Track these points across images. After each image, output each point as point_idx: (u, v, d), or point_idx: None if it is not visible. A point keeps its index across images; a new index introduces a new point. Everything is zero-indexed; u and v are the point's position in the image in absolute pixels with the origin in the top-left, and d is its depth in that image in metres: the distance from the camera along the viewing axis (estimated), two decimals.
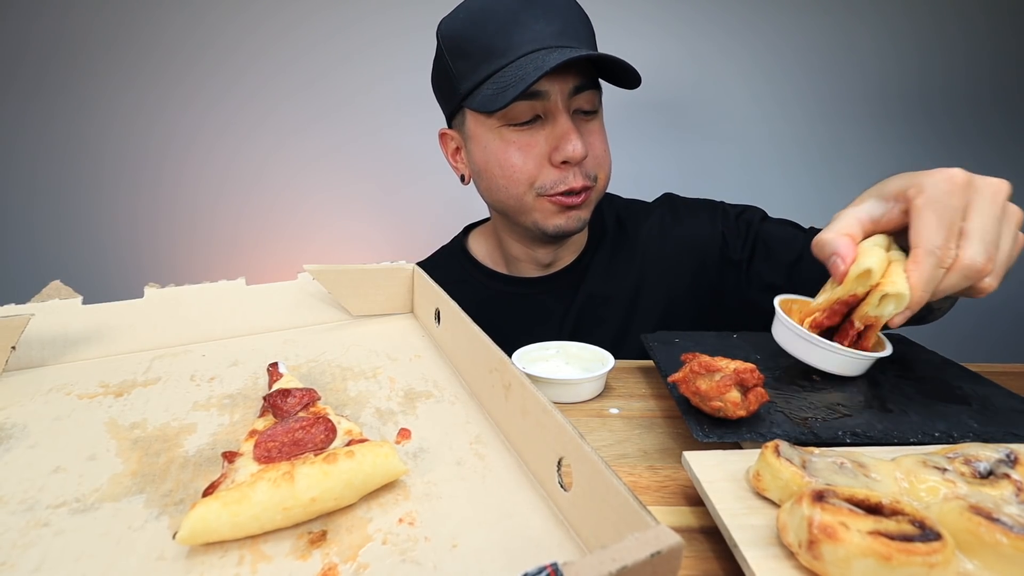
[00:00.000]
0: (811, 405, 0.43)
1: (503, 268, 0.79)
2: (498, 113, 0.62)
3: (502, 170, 0.65)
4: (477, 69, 0.62)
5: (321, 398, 0.38)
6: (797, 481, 0.29)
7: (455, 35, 0.64)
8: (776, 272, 0.71)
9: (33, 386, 0.43)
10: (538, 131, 0.64)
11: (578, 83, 0.62)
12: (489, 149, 0.66)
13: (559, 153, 0.62)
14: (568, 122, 0.62)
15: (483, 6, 0.62)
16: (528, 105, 0.62)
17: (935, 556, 0.23)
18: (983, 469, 0.30)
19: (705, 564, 0.31)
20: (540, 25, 0.60)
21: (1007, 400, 0.44)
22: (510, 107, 0.60)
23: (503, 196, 0.68)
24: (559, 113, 0.62)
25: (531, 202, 0.66)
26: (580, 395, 0.51)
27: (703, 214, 0.78)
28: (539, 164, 0.64)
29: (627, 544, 0.19)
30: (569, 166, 0.63)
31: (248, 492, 0.27)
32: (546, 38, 0.60)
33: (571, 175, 0.64)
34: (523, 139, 0.64)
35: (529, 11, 0.60)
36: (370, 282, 0.57)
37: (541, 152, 0.64)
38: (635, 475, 0.40)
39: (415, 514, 0.29)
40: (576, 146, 0.61)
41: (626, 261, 0.77)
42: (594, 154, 0.66)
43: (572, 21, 0.62)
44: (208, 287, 0.53)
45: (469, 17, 0.63)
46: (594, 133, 0.66)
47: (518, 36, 0.60)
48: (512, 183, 0.65)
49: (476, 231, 0.84)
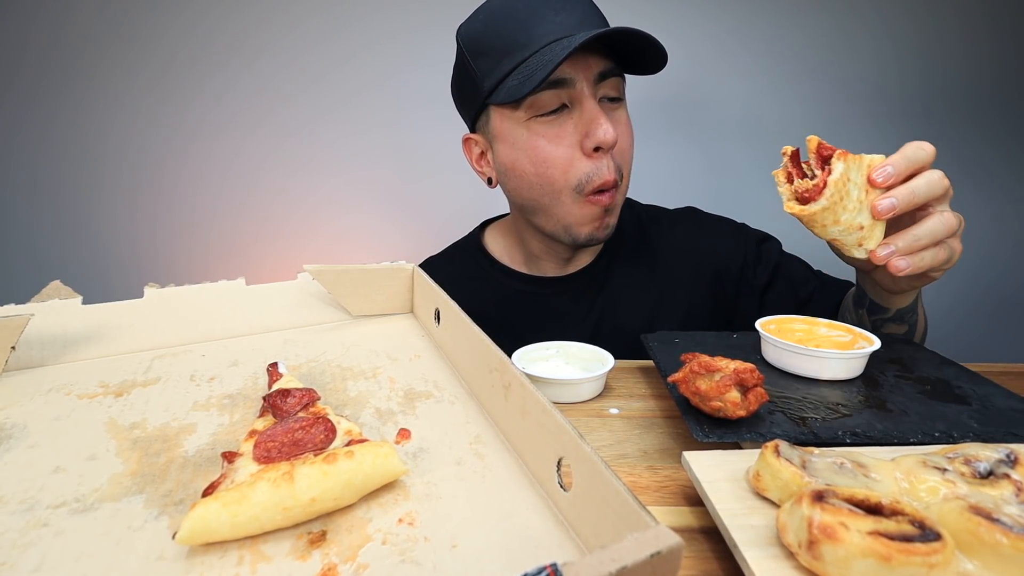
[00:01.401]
0: (811, 405, 0.43)
1: (521, 266, 0.78)
2: (525, 104, 0.61)
3: (534, 165, 0.63)
4: (500, 64, 0.61)
5: (321, 398, 0.38)
6: (797, 481, 0.29)
7: (475, 35, 0.63)
8: (789, 304, 0.74)
9: (33, 386, 0.43)
10: (566, 119, 0.62)
11: (603, 68, 0.61)
12: (518, 144, 0.64)
13: (590, 139, 0.61)
14: (596, 107, 0.61)
15: (501, 6, 0.62)
16: (554, 94, 0.60)
17: (935, 556, 0.23)
18: (983, 469, 0.30)
19: (705, 564, 0.31)
20: (561, 16, 0.59)
21: (1007, 400, 0.44)
22: (537, 96, 0.60)
23: (536, 194, 0.65)
24: (586, 99, 0.61)
25: (569, 203, 0.64)
26: (580, 395, 0.51)
27: (727, 232, 0.79)
28: (571, 154, 0.62)
29: (627, 544, 0.19)
30: (602, 153, 0.62)
31: (248, 492, 0.27)
32: (568, 28, 0.59)
33: (604, 166, 0.62)
34: (552, 130, 0.62)
35: (548, 4, 0.60)
36: (370, 282, 0.57)
37: (572, 141, 0.62)
38: (635, 475, 0.40)
39: (415, 514, 0.29)
40: (607, 129, 0.60)
41: (647, 269, 0.76)
42: (621, 144, 0.64)
43: (590, 13, 0.62)
44: (208, 287, 0.53)
45: (488, 17, 0.62)
46: (621, 122, 0.65)
47: (539, 28, 0.59)
48: (546, 179, 0.63)
49: (493, 227, 0.83)
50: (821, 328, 0.53)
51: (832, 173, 0.43)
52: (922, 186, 0.45)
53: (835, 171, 0.43)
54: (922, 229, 0.45)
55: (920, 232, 0.45)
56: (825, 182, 0.43)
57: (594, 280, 0.75)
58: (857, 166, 0.44)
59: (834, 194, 0.43)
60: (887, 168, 0.44)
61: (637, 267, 0.76)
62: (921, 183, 0.45)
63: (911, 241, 0.45)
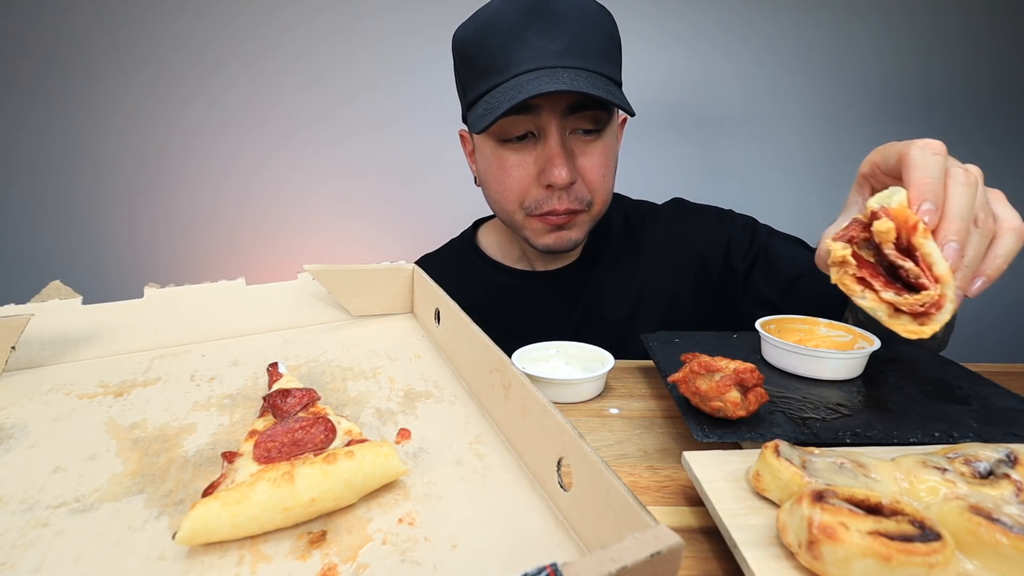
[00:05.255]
0: (811, 405, 0.43)
1: (512, 261, 0.79)
2: (491, 126, 0.61)
3: (494, 184, 0.66)
4: (478, 83, 0.62)
5: (321, 398, 0.38)
6: (797, 481, 0.29)
7: (464, 44, 0.63)
8: (773, 287, 0.71)
9: (33, 386, 0.43)
10: (531, 149, 0.63)
11: (572, 102, 0.59)
12: (487, 162, 0.66)
13: (544, 176, 0.61)
14: (556, 145, 0.60)
15: (491, 16, 0.60)
16: (522, 120, 0.60)
17: (935, 556, 0.23)
18: (983, 469, 0.30)
19: (705, 564, 0.31)
20: (544, 42, 0.57)
21: (1007, 400, 0.44)
22: (503, 121, 0.60)
23: (497, 209, 0.69)
24: (550, 134, 0.61)
25: (521, 220, 0.67)
26: (580, 395, 0.51)
27: (711, 219, 0.78)
28: (527, 184, 0.63)
29: (627, 544, 0.19)
30: (554, 189, 0.62)
31: (248, 492, 0.27)
32: (546, 56, 0.57)
33: (555, 197, 0.63)
34: (516, 157, 0.63)
35: (535, 26, 0.58)
36: (370, 282, 0.57)
37: (530, 172, 0.63)
38: (635, 475, 0.40)
39: (415, 514, 0.29)
40: (561, 172, 0.60)
41: (631, 261, 0.77)
42: (588, 179, 0.63)
43: (581, 36, 0.59)
44: (208, 287, 0.53)
45: (477, 27, 0.62)
46: (592, 155, 0.63)
47: (518, 53, 0.58)
48: (502, 199, 0.66)
49: (486, 225, 0.85)
50: (821, 328, 0.53)
51: (933, 260, 0.32)
52: (970, 211, 0.35)
53: (934, 256, 0.32)
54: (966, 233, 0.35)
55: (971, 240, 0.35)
56: (937, 278, 0.32)
57: (580, 275, 0.76)
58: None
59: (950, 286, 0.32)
60: (927, 206, 0.34)
61: (622, 261, 0.77)
62: (965, 208, 0.34)
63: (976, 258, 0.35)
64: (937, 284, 0.32)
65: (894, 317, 0.33)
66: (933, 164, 0.35)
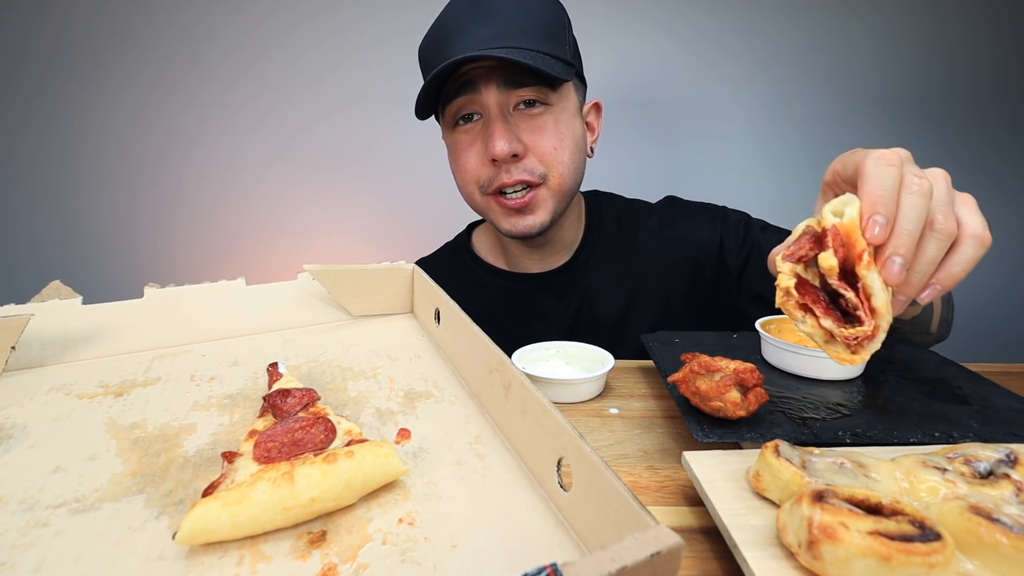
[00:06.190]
0: (811, 405, 0.43)
1: (504, 264, 0.80)
2: (448, 111, 0.65)
3: (454, 169, 0.69)
4: (425, 77, 0.65)
5: (321, 398, 0.38)
6: (797, 481, 0.29)
7: (422, 50, 0.67)
8: (768, 283, 0.70)
9: (33, 386, 0.43)
10: (479, 128, 0.65)
11: (507, 78, 0.61)
12: (449, 150, 0.69)
13: (488, 151, 0.63)
14: (495, 119, 0.62)
15: (440, 17, 0.64)
16: (465, 102, 0.63)
17: (935, 556, 0.23)
18: (983, 469, 0.30)
19: (705, 564, 0.31)
20: (481, 30, 0.60)
21: (1007, 400, 0.44)
22: (452, 105, 0.63)
23: (464, 196, 0.70)
24: (489, 109, 0.63)
25: (482, 201, 0.68)
26: (580, 395, 0.51)
27: (704, 216, 0.78)
28: (477, 163, 0.65)
29: (627, 544, 0.19)
30: (500, 163, 0.63)
31: (248, 492, 0.27)
32: (482, 41, 0.59)
33: (503, 171, 0.64)
34: (466, 138, 0.66)
35: (474, 19, 0.60)
36: (370, 282, 0.57)
37: (480, 149, 0.65)
38: (635, 475, 0.40)
39: (415, 514, 0.29)
40: (500, 144, 0.61)
41: (623, 260, 0.77)
42: (539, 151, 0.64)
43: (515, 21, 0.60)
44: (208, 287, 0.53)
45: (430, 31, 0.65)
46: (539, 129, 0.64)
47: (458, 43, 0.60)
48: (462, 183, 0.68)
49: (480, 228, 0.85)
50: None
51: (873, 292, 0.32)
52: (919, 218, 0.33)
53: (874, 288, 0.32)
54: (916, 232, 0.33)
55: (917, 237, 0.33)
56: (873, 310, 0.32)
57: (572, 276, 0.77)
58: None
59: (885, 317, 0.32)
60: (878, 218, 0.33)
61: (613, 261, 0.77)
62: (915, 216, 0.33)
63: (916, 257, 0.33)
64: (872, 317, 0.32)
65: (830, 343, 0.34)
66: (887, 176, 0.34)
